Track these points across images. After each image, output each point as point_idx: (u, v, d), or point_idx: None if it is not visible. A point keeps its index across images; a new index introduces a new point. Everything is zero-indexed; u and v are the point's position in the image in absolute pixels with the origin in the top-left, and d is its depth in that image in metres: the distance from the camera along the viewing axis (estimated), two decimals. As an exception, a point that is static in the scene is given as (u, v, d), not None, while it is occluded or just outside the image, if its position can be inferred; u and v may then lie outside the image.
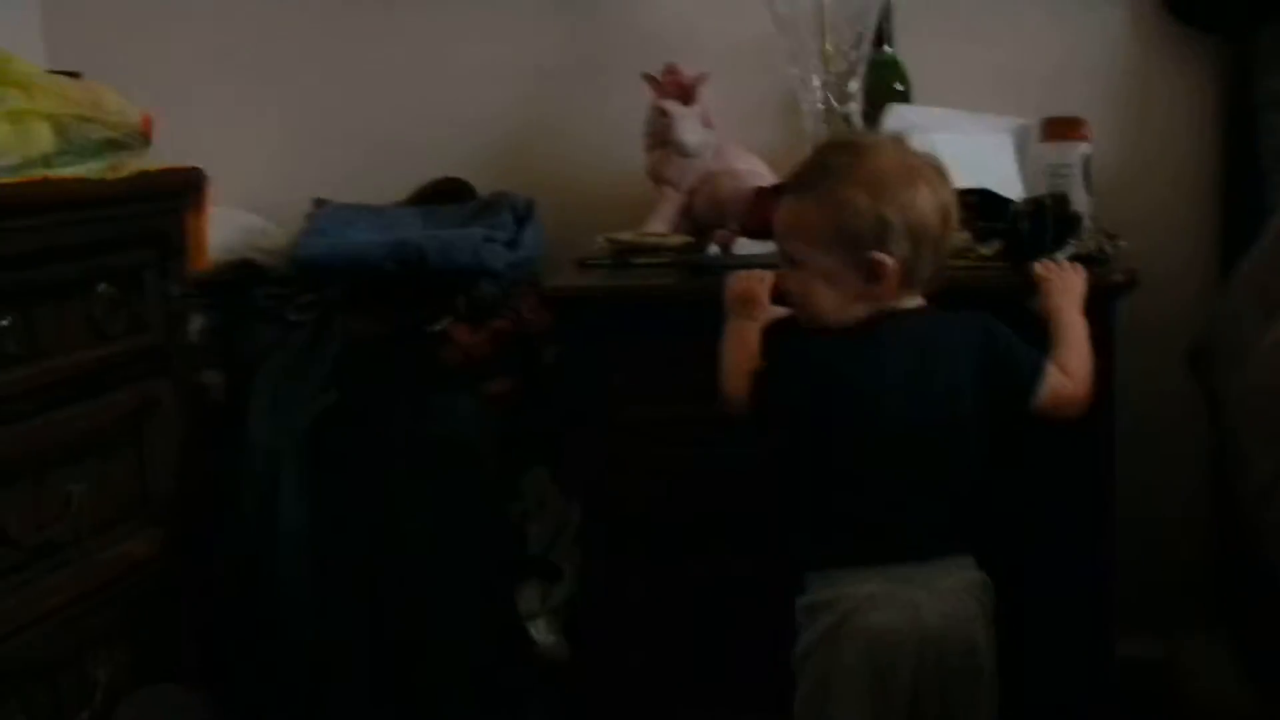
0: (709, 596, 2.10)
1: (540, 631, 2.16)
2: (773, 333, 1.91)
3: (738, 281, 1.96)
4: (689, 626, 2.12)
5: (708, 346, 1.92)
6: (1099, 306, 1.94)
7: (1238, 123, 2.45)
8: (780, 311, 1.95)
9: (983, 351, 1.82)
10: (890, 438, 1.77)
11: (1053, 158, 2.30)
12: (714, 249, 2.22)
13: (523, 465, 2.25)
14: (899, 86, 2.43)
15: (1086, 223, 2.21)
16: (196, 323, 2.28)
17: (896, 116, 2.35)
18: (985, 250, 2.06)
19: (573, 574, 2.21)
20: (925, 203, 1.78)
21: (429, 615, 2.06)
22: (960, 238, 1.99)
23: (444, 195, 2.50)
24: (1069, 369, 1.85)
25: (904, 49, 2.45)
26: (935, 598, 1.76)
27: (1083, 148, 2.29)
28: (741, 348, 1.92)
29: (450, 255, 2.23)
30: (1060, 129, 2.32)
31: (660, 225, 2.34)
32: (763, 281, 1.95)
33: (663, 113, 2.34)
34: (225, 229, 2.42)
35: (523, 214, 2.37)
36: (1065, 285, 1.93)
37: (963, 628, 1.77)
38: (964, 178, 2.11)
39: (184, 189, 2.19)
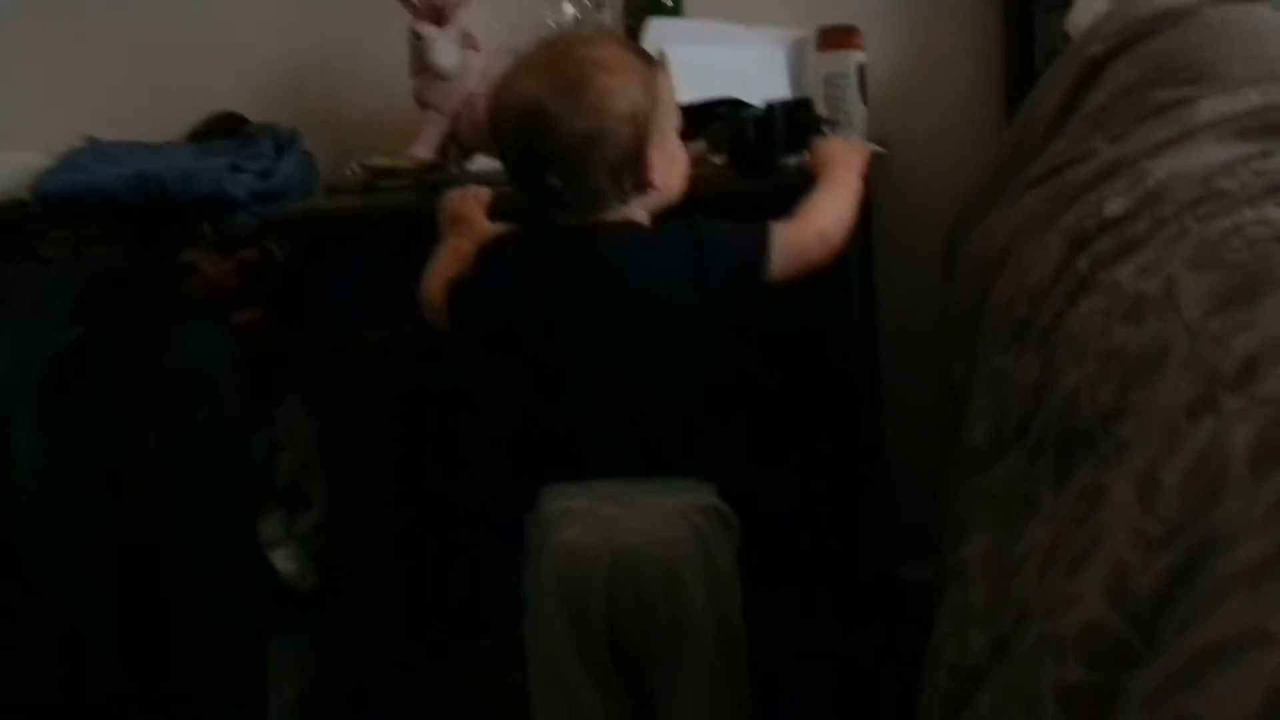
0: (450, 521, 2.08)
1: (282, 560, 2.14)
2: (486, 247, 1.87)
3: (450, 201, 1.91)
4: (433, 553, 2.10)
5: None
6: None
7: (1017, 29, 2.41)
8: (499, 228, 1.91)
9: (693, 255, 1.70)
10: (582, 356, 1.70)
11: (828, 67, 2.27)
12: (454, 168, 2.18)
13: (275, 394, 2.23)
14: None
15: (848, 130, 2.19)
16: (-35, 264, 2.27)
17: (658, 30, 2.30)
18: (716, 160, 2.02)
19: (321, 502, 2.19)
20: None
21: (170, 548, 2.04)
22: (697, 147, 1.96)
23: (221, 130, 2.47)
24: (800, 212, 1.75)
25: (678, -41, 2.40)
26: (636, 515, 1.65)
27: (857, 56, 2.27)
28: (450, 262, 1.85)
29: (191, 185, 2.20)
30: (834, 38, 2.28)
31: (424, 150, 2.31)
32: (478, 198, 1.91)
33: (417, 36, 2.29)
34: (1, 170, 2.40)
35: (284, 143, 2.34)
36: (840, 150, 1.88)
37: (666, 551, 1.64)
38: (732, 92, 2.09)
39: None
